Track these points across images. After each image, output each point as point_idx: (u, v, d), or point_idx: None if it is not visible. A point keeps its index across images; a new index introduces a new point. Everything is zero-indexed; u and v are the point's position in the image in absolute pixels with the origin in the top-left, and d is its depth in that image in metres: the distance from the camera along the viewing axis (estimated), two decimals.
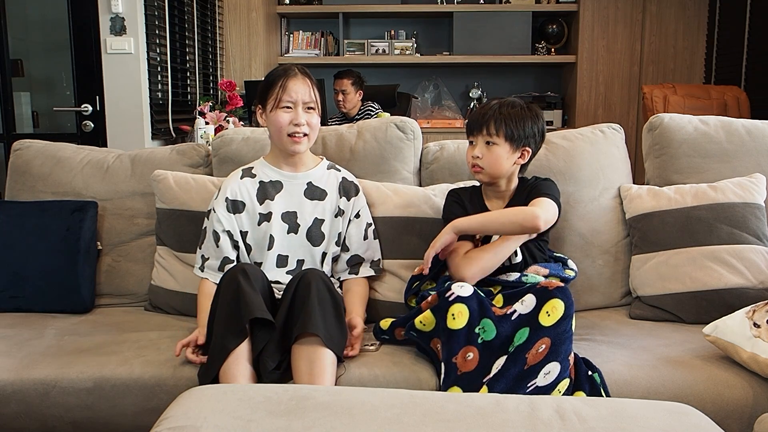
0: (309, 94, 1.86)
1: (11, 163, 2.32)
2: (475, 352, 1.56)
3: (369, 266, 1.96)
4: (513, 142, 1.79)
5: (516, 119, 1.79)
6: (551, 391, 1.48)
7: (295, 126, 1.84)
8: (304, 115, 1.85)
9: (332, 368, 1.58)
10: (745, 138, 2.18)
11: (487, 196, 1.90)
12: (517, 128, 1.78)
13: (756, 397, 1.57)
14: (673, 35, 5.17)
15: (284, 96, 1.84)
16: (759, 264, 1.91)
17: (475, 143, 1.82)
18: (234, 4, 4.93)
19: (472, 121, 1.84)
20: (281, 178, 1.92)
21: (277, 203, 1.89)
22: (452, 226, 1.75)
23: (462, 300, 1.58)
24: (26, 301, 2.07)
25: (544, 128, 1.86)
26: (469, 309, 1.57)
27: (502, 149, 1.79)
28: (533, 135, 1.82)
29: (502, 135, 1.78)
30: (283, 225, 1.89)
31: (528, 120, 1.80)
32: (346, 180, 1.97)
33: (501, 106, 1.81)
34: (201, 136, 3.43)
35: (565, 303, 1.53)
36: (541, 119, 1.85)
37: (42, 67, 3.91)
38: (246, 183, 1.91)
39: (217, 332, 1.60)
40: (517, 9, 5.25)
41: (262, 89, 1.89)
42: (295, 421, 1.13)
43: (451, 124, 5.23)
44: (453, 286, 1.62)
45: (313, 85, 1.88)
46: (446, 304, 1.58)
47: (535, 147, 1.85)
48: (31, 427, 1.65)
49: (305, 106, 1.86)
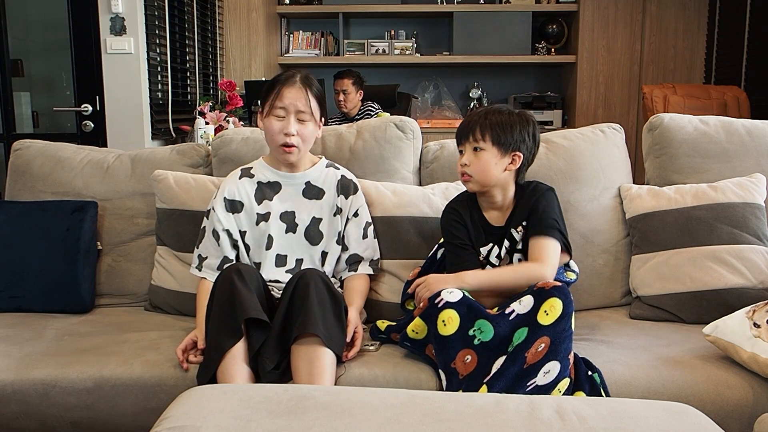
0: (304, 104, 1.82)
1: (11, 163, 2.32)
2: (472, 354, 1.55)
3: (368, 264, 1.95)
4: (501, 146, 1.74)
5: (503, 124, 1.74)
6: (551, 390, 1.48)
7: (285, 135, 1.81)
8: (296, 124, 1.82)
9: (332, 368, 1.58)
10: (745, 138, 2.18)
11: (483, 208, 1.84)
12: (504, 132, 1.74)
13: (756, 397, 1.56)
14: (673, 35, 5.17)
15: (277, 102, 1.82)
16: (759, 264, 1.91)
17: (464, 151, 1.78)
18: (234, 4, 4.93)
19: (459, 130, 1.81)
20: (279, 178, 1.91)
21: (275, 203, 1.89)
22: (460, 280, 1.69)
23: (451, 306, 1.57)
24: (26, 301, 2.07)
25: (536, 133, 1.80)
26: (459, 314, 1.57)
27: (489, 154, 1.74)
28: (523, 140, 1.76)
29: (489, 139, 1.74)
30: (281, 225, 1.88)
31: (516, 125, 1.75)
32: (344, 178, 1.96)
33: (487, 113, 1.77)
34: (201, 136, 3.43)
35: (563, 302, 1.53)
36: (532, 125, 1.79)
37: (42, 67, 3.91)
38: (244, 183, 1.90)
39: (213, 332, 1.60)
40: (517, 9, 5.25)
41: (263, 92, 1.88)
42: (295, 421, 1.13)
43: (451, 124, 5.22)
44: (442, 292, 1.61)
45: (311, 94, 1.83)
46: (436, 310, 1.58)
47: (527, 152, 1.78)
48: (31, 427, 1.65)
49: (298, 115, 1.82)
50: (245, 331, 1.59)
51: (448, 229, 1.83)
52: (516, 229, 1.78)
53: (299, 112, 1.82)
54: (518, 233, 1.78)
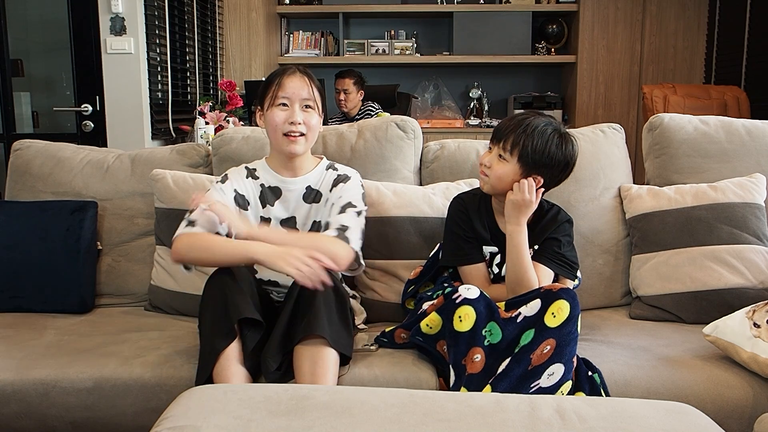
0: (307, 92, 1.78)
1: (11, 163, 2.32)
2: (481, 353, 1.55)
3: (334, 228, 1.74)
4: (525, 165, 1.68)
5: (535, 147, 1.66)
6: (554, 392, 1.48)
7: (291, 124, 1.77)
8: (301, 113, 1.78)
9: (335, 369, 1.57)
10: (745, 138, 2.18)
11: (496, 210, 1.80)
12: (536, 152, 1.66)
13: (756, 397, 1.56)
14: (673, 35, 5.17)
15: (280, 92, 1.78)
16: (759, 264, 1.91)
17: (492, 151, 1.74)
18: (234, 4, 4.93)
19: (497, 130, 1.75)
20: (280, 184, 1.86)
21: (276, 209, 1.86)
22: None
23: (469, 302, 1.56)
24: (26, 301, 2.07)
25: (573, 160, 1.71)
26: (476, 311, 1.55)
27: (510, 168, 1.69)
28: (551, 164, 1.68)
29: (516, 154, 1.68)
30: (282, 231, 1.85)
31: (552, 147, 1.67)
32: (339, 176, 1.88)
33: (529, 125, 1.68)
34: (201, 136, 3.43)
35: (570, 304, 1.52)
36: (570, 148, 1.70)
37: (42, 67, 3.91)
38: (250, 183, 1.87)
39: (206, 334, 1.59)
40: (517, 9, 5.25)
41: (260, 90, 1.85)
42: (295, 421, 1.13)
43: (451, 124, 5.23)
44: (460, 288, 1.59)
45: (312, 84, 1.80)
46: (453, 305, 1.57)
47: (550, 177, 1.71)
48: (31, 427, 1.65)
49: (302, 103, 1.78)
50: (239, 332, 1.59)
51: (453, 218, 1.81)
52: None
53: (303, 99, 1.79)
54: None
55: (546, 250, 1.75)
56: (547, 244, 1.76)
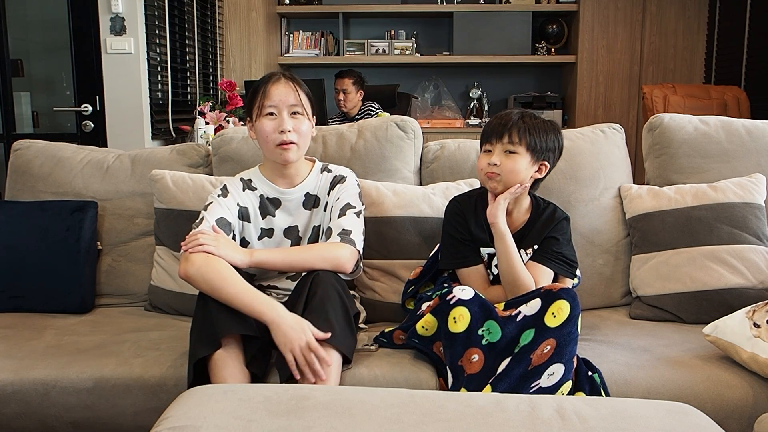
0: (294, 97, 1.75)
1: (11, 163, 2.32)
2: (479, 353, 1.55)
3: (337, 234, 1.75)
4: (534, 153, 1.73)
5: (539, 130, 1.73)
6: (554, 392, 1.48)
7: (281, 133, 1.73)
8: (290, 120, 1.74)
9: (338, 369, 1.57)
10: (745, 138, 2.18)
11: None
12: (540, 139, 1.73)
13: (756, 397, 1.56)
14: (673, 35, 5.17)
15: (266, 101, 1.74)
16: (759, 264, 1.91)
17: (493, 151, 1.75)
18: (234, 4, 4.93)
19: (491, 129, 1.77)
20: (278, 195, 1.84)
21: (278, 219, 1.83)
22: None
23: (463, 303, 1.56)
24: (26, 301, 2.07)
25: (563, 145, 1.80)
26: (470, 312, 1.55)
27: (523, 159, 1.72)
28: (553, 149, 1.76)
29: (525, 144, 1.72)
30: (285, 241, 1.84)
31: (550, 133, 1.75)
32: (335, 177, 1.87)
33: (523, 116, 1.75)
34: (201, 136, 3.43)
35: (570, 304, 1.52)
36: (561, 135, 1.80)
37: (42, 67, 3.91)
38: (248, 195, 1.83)
39: (191, 341, 1.58)
40: (517, 9, 5.25)
41: (248, 101, 1.81)
42: (295, 421, 1.13)
43: (451, 124, 5.23)
44: (454, 289, 1.60)
45: (299, 89, 1.77)
46: (447, 307, 1.57)
47: (553, 163, 1.79)
48: (31, 427, 1.65)
49: (290, 110, 1.75)
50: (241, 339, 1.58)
51: (449, 221, 1.83)
52: (526, 250, 1.78)
53: (291, 106, 1.76)
54: (527, 255, 1.77)
55: (545, 250, 1.76)
56: (545, 244, 1.76)
